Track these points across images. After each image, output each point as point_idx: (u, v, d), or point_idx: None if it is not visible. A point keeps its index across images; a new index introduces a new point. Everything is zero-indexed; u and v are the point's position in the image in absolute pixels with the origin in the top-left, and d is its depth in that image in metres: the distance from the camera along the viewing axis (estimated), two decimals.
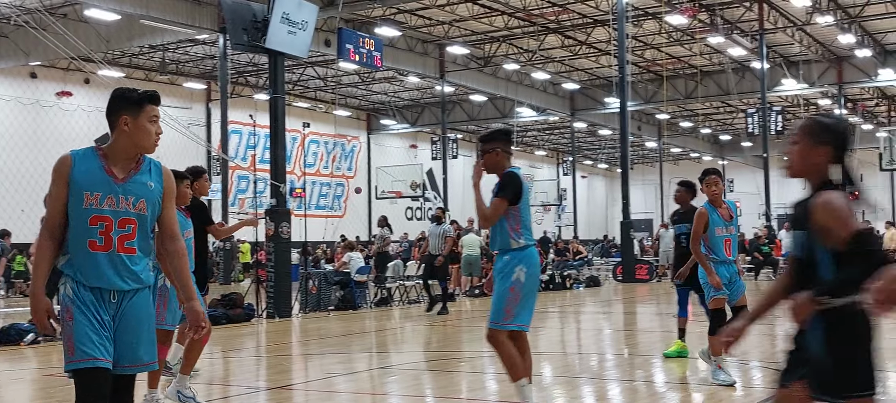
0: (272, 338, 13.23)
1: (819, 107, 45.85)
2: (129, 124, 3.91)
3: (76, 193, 3.79)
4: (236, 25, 16.79)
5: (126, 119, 3.91)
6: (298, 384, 8.53)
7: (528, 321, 6.22)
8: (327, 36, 29.10)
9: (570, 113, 44.42)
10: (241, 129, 37.49)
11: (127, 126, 3.90)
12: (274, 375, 9.51)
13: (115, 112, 3.93)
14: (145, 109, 3.95)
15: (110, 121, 3.96)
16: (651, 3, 28.85)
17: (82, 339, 3.72)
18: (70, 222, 3.81)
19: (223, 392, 8.64)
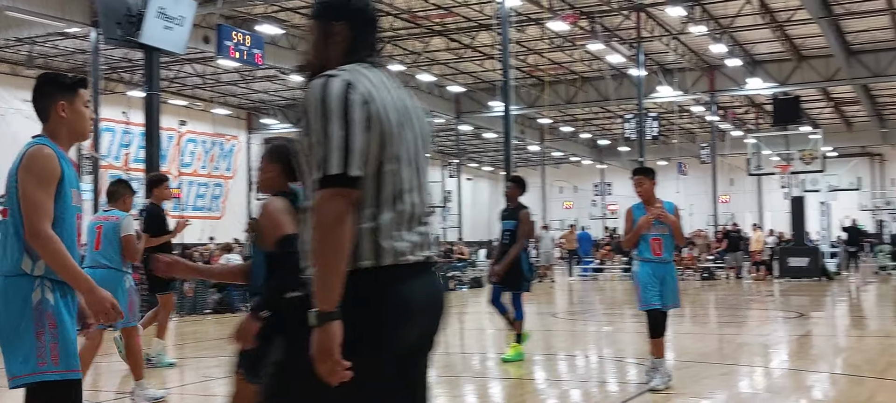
0: (146, 342, 12.79)
1: (692, 113, 47.61)
2: (66, 110, 3.68)
3: (65, 191, 3.56)
4: (109, 19, 16.21)
5: (63, 104, 3.68)
6: (174, 388, 8.27)
7: None
8: (206, 32, 28.43)
9: (455, 115, 44.75)
10: (114, 127, 36.27)
11: (64, 112, 3.68)
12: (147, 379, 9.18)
13: (49, 97, 3.70)
14: (80, 93, 3.74)
15: (42, 108, 3.72)
16: (534, 9, 29.33)
17: (73, 348, 3.50)
18: (55, 222, 3.51)
19: (92, 398, 8.30)
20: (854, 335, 12.36)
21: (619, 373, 9.00)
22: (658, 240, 7.56)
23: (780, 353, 10.20)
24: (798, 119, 35.00)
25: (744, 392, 7.73)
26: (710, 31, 31.33)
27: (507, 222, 9.50)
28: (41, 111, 3.74)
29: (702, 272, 27.59)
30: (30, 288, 3.50)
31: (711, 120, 41.81)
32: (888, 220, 47.90)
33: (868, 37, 33.79)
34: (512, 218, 9.39)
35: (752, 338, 11.81)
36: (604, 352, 10.86)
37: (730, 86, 39.11)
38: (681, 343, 11.66)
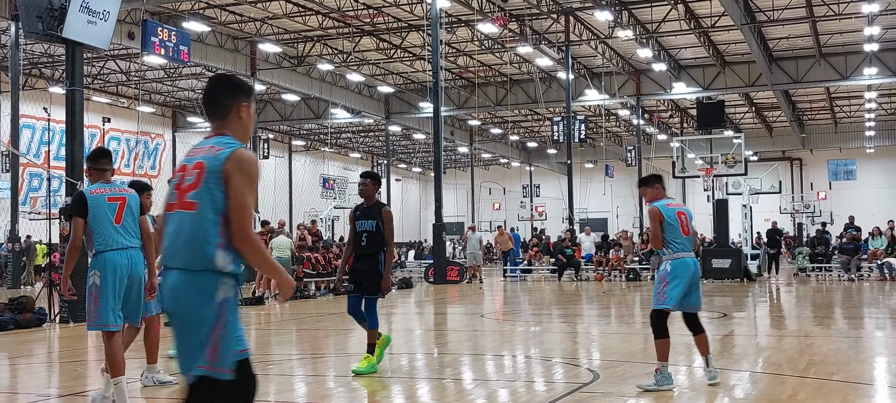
0: (66, 344, 12.48)
1: (619, 116, 48.33)
2: (244, 113, 3.84)
3: None
4: (30, 13, 15.73)
5: (244, 107, 3.84)
6: (93, 391, 8.05)
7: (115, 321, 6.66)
8: (131, 28, 27.87)
9: (384, 116, 44.65)
10: (34, 124, 35.28)
11: (243, 114, 3.84)
12: (67, 382, 8.96)
13: (232, 98, 3.82)
14: (253, 98, 3.94)
15: (223, 106, 3.81)
16: (464, 10, 29.45)
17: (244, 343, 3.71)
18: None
19: (10, 401, 8.05)
20: (775, 335, 12.68)
21: (547, 373, 9.08)
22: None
23: None
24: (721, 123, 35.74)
25: (668, 391, 7.86)
26: (637, 36, 31.86)
27: (365, 222, 8.58)
28: (219, 108, 3.81)
29: (627, 273, 28.00)
30: (216, 284, 3.59)
31: (638, 123, 42.50)
32: (806, 223, 49.31)
33: (789, 44, 34.78)
34: (370, 218, 8.58)
35: (677, 338, 12.01)
36: (531, 352, 10.95)
37: (656, 90, 39.82)
38: (607, 343, 11.81)
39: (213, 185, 3.59)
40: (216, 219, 3.58)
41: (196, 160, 3.68)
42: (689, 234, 7.62)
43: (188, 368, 3.59)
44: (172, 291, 3.62)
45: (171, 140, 45.88)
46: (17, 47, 26.75)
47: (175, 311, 3.63)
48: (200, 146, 3.78)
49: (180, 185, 3.68)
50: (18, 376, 9.91)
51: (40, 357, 11.31)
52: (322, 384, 8.70)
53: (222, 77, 3.90)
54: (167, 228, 3.71)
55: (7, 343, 12.29)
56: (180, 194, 3.67)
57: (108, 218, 6.68)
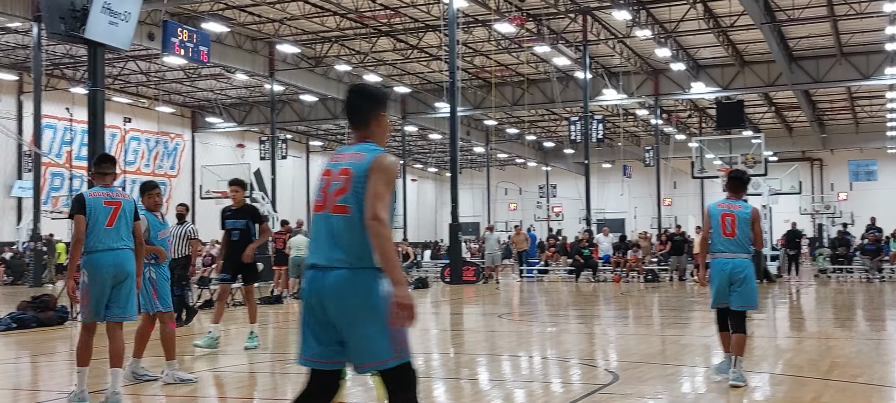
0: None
1: (637, 116, 48.20)
2: (382, 121, 4.10)
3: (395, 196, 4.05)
4: (53, 13, 15.89)
5: (383, 116, 4.11)
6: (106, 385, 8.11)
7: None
8: (151, 29, 28.05)
9: (401, 116, 44.69)
10: (56, 124, 35.57)
11: (382, 123, 4.10)
12: (88, 380, 9.02)
13: (373, 107, 4.10)
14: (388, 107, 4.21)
15: (364, 115, 4.08)
16: (481, 10, 29.44)
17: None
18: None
19: (32, 399, 8.14)
20: (795, 336, 12.61)
21: (564, 374, 9.07)
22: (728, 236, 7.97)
23: (723, 354, 10.35)
24: (740, 123, 35.55)
25: (687, 392, 7.85)
26: (655, 36, 31.75)
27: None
28: (362, 117, 4.09)
29: (646, 274, 27.92)
30: (379, 278, 3.83)
31: (656, 123, 42.35)
32: (827, 224, 48.99)
33: (809, 43, 34.55)
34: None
35: (696, 339, 12.00)
36: (548, 353, 10.94)
37: (674, 90, 39.67)
38: (625, 345, 11.79)
39: (360, 190, 3.87)
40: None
41: (342, 166, 3.96)
42: (733, 235, 7.73)
43: (371, 359, 3.84)
44: (337, 288, 3.84)
45: (191, 140, 46.12)
46: (40, 48, 26.98)
47: (343, 308, 3.83)
48: (343, 152, 4.05)
49: (327, 189, 3.96)
50: (40, 374, 10.01)
51: (62, 355, 11.39)
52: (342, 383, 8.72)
53: (363, 87, 4.19)
54: (317, 228, 3.97)
55: (29, 341, 12.41)
56: (330, 198, 3.94)
57: (101, 221, 7.06)
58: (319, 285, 3.87)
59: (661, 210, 42.47)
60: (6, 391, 8.57)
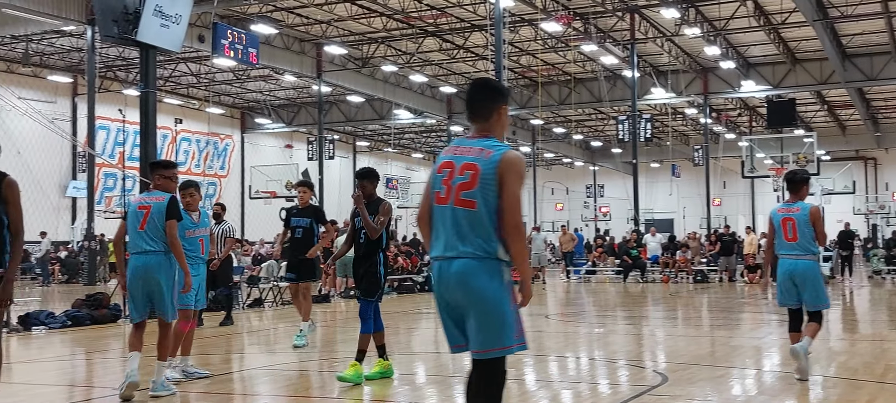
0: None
1: (686, 115, 47.70)
2: (502, 115, 4.20)
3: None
4: (106, 17, 16.19)
5: (504, 109, 4.21)
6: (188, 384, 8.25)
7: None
8: (201, 31, 28.42)
9: (447, 116, 44.75)
10: (109, 125, 36.20)
11: (502, 116, 4.20)
12: (140, 375, 9.17)
13: (494, 101, 4.18)
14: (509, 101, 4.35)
15: (486, 108, 4.16)
16: (527, 10, 29.36)
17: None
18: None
19: (86, 395, 8.30)
20: (849, 339, 12.38)
21: (612, 375, 9.01)
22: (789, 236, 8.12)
23: (774, 356, 10.22)
24: (792, 122, 35.08)
25: (738, 395, 7.75)
26: (704, 34, 31.40)
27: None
28: (484, 111, 4.19)
29: (695, 275, 27.63)
30: (502, 268, 4.04)
31: (705, 122, 41.88)
32: (882, 224, 48.04)
33: (863, 40, 33.90)
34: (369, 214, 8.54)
35: (746, 341, 11.85)
36: (596, 354, 10.88)
37: (723, 88, 39.17)
38: (674, 346, 11.68)
39: (487, 186, 4.01)
40: (491, 216, 4.00)
41: (466, 161, 4.07)
42: (795, 239, 7.84)
43: (495, 344, 4.01)
44: (462, 277, 4.00)
45: (240, 140, 46.65)
46: (94, 51, 27.48)
47: (468, 298, 4.01)
48: (465, 146, 4.15)
49: (448, 181, 4.08)
50: (94, 370, 10.20)
51: (115, 352, 11.59)
52: (386, 382, 8.77)
53: (485, 81, 4.26)
54: (439, 219, 4.11)
55: (83, 338, 12.66)
56: (453, 191, 4.07)
57: (135, 225, 7.49)
58: (445, 275, 4.05)
59: (710, 210, 41.97)
60: (62, 387, 8.76)
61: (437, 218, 4.12)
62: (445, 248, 4.05)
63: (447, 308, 4.09)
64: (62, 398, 8.20)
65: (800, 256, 7.81)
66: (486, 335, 3.98)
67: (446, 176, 4.10)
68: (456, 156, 4.12)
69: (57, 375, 9.64)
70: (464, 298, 4.00)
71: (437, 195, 4.13)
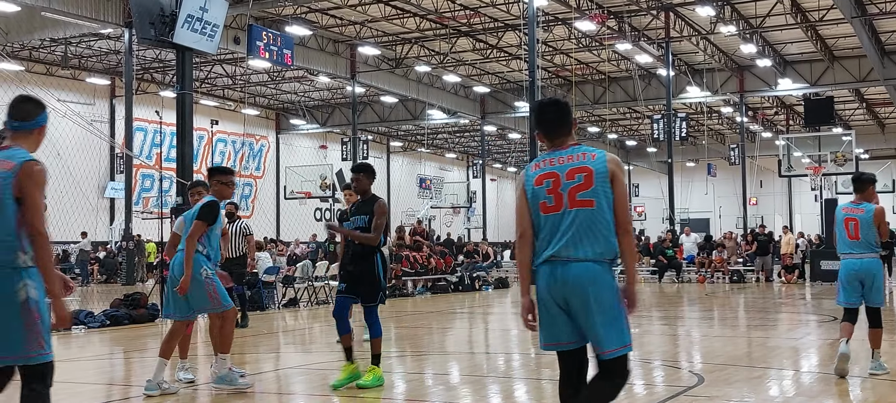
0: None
1: (722, 114, 47.28)
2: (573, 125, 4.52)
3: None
4: (143, 19, 16.40)
5: (575, 121, 4.49)
6: (203, 384, 8.35)
7: None
8: (237, 33, 28.66)
9: (480, 116, 44.73)
10: (146, 127, 36.62)
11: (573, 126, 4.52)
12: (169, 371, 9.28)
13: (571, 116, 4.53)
14: None
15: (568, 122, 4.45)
16: (561, 9, 29.27)
17: None
18: None
19: (124, 394, 8.41)
20: (890, 340, 12.20)
21: (647, 376, 8.96)
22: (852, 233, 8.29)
23: (812, 357, 10.11)
24: (830, 120, 34.61)
25: (775, 396, 7.68)
26: (740, 31, 31.11)
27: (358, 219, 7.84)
28: (566, 125, 4.45)
29: (731, 275, 27.38)
30: (612, 271, 4.25)
31: (741, 121, 41.49)
32: None
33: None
34: (364, 213, 7.83)
35: (783, 342, 11.73)
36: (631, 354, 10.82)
37: (760, 86, 38.79)
38: (710, 346, 11.58)
39: (604, 184, 4.22)
40: (610, 212, 4.22)
41: (572, 166, 4.27)
42: (857, 237, 8.02)
43: (618, 344, 4.22)
44: (582, 281, 4.17)
45: (275, 141, 46.97)
46: (131, 53, 27.82)
47: (589, 299, 4.17)
48: (561, 156, 4.33)
49: (556, 189, 4.24)
50: (132, 369, 10.32)
51: (153, 351, 11.72)
52: (421, 382, 8.80)
53: (556, 100, 4.56)
54: (551, 226, 4.24)
55: (122, 338, 12.82)
56: (565, 196, 4.23)
57: (184, 229, 7.85)
58: (561, 277, 4.19)
59: (746, 209, 41.56)
60: (100, 385, 8.88)
61: (545, 226, 4.26)
62: (561, 251, 4.20)
63: (560, 307, 4.24)
64: (100, 396, 8.31)
65: (863, 255, 8.00)
66: (615, 334, 4.19)
67: (550, 186, 4.26)
68: (556, 166, 4.30)
69: (95, 374, 9.78)
70: (587, 299, 4.16)
71: (543, 205, 4.27)
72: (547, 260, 4.25)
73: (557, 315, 4.25)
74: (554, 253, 4.22)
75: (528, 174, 4.38)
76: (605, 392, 4.27)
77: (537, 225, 4.30)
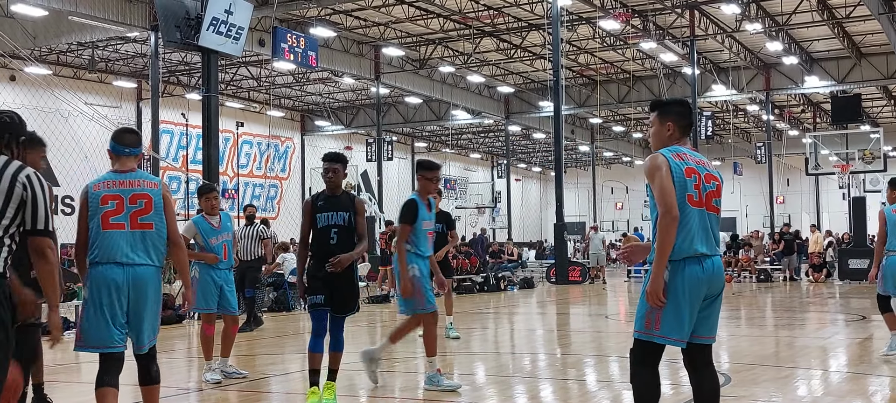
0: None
1: (748, 112, 46.95)
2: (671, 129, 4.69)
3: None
4: (169, 23, 16.53)
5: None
6: (230, 384, 8.41)
7: None
8: (262, 35, 28.81)
9: (504, 116, 44.69)
10: (173, 129, 36.88)
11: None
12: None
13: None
14: None
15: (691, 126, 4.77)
16: (585, 8, 29.18)
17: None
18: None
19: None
20: None
21: (674, 376, 8.92)
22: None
23: (840, 357, 10.03)
24: (858, 118, 34.23)
25: (803, 395, 7.63)
26: (766, 29, 30.87)
27: (334, 215, 7.01)
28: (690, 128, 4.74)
29: (758, 274, 27.19)
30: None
31: (767, 119, 41.17)
32: None
33: None
34: (341, 210, 7.05)
35: (811, 341, 11.64)
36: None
37: (786, 84, 38.48)
38: (737, 346, 11.51)
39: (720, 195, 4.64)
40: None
41: (707, 171, 4.56)
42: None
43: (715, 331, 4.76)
44: (720, 273, 4.57)
45: (300, 143, 47.17)
46: (157, 56, 28.05)
47: (719, 289, 4.60)
48: (694, 157, 4.58)
49: (699, 187, 4.48)
50: (160, 370, 10.39)
51: (180, 352, 11.83)
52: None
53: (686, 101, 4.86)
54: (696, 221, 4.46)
55: None
56: (704, 196, 4.50)
57: None
58: (711, 270, 4.47)
59: (773, 208, 41.23)
60: (127, 386, 8.94)
61: (694, 219, 4.44)
62: (708, 247, 4.47)
63: (701, 301, 4.49)
64: (128, 397, 8.39)
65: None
66: (716, 323, 4.72)
67: (696, 181, 4.47)
68: (697, 165, 4.53)
69: (123, 374, 9.84)
70: (717, 290, 4.56)
71: (690, 197, 4.45)
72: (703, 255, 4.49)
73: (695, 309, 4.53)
74: (706, 251, 4.50)
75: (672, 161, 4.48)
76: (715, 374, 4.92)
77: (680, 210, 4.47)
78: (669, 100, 4.79)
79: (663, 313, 4.41)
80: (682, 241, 4.39)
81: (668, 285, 4.39)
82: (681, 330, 4.48)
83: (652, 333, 4.48)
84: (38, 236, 3.99)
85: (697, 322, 4.51)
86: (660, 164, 4.42)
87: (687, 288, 4.40)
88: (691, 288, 4.40)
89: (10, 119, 4.10)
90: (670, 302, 4.40)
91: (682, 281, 4.38)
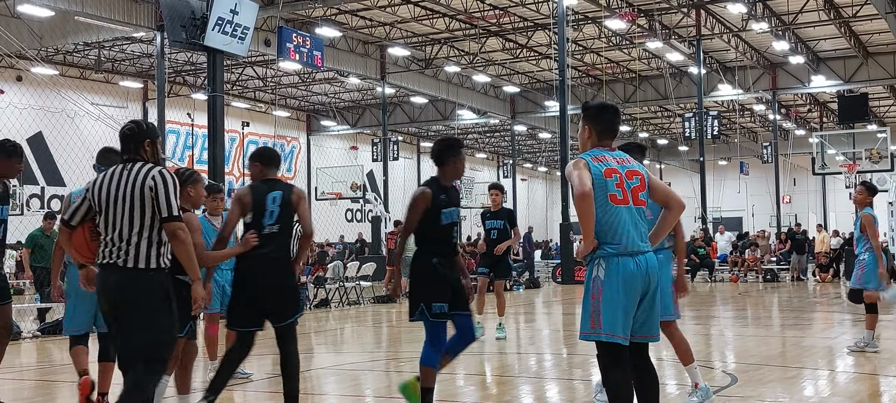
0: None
1: (754, 112, 46.86)
2: None
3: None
4: (174, 23, 16.56)
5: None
6: (237, 384, 8.41)
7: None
8: (267, 35, 28.84)
9: (510, 116, 44.67)
10: (179, 129, 36.95)
11: None
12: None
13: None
14: None
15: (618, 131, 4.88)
16: (591, 7, 29.15)
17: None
18: None
19: (170, 392, 8.46)
20: None
21: (679, 376, 8.90)
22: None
23: (848, 357, 9.99)
24: (864, 117, 34.17)
25: (810, 396, 7.60)
26: (772, 28, 30.81)
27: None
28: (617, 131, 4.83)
29: (764, 274, 27.13)
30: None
31: (774, 118, 41.09)
32: None
33: None
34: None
35: (818, 341, 11.60)
36: (663, 354, 10.75)
37: (793, 84, 38.40)
38: (743, 346, 11.48)
39: (647, 190, 4.74)
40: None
41: (629, 168, 4.68)
42: None
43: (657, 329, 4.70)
44: (654, 270, 4.59)
45: (306, 143, 47.21)
46: (163, 56, 28.10)
47: (655, 286, 4.61)
48: (616, 157, 4.69)
49: (622, 185, 4.58)
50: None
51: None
52: (451, 382, 8.80)
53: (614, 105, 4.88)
54: (623, 218, 4.54)
55: None
56: (629, 193, 4.61)
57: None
58: (643, 267, 4.52)
59: (780, 207, 41.14)
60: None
61: (614, 216, 4.52)
62: (637, 244, 4.53)
63: (636, 298, 4.52)
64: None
65: None
66: (657, 320, 4.68)
67: (618, 180, 4.57)
68: (618, 164, 4.64)
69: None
70: (650, 287, 4.56)
71: (613, 197, 4.54)
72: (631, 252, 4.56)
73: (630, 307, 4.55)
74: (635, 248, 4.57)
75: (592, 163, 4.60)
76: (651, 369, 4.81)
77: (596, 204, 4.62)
78: (591, 104, 4.82)
79: (603, 311, 4.47)
80: (614, 239, 4.50)
81: (604, 282, 4.47)
82: (622, 326, 4.49)
83: (598, 333, 4.49)
84: (168, 222, 4.72)
85: (639, 322, 4.54)
86: (576, 165, 4.57)
87: (622, 284, 4.46)
88: (626, 284, 4.47)
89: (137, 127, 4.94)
90: (607, 299, 4.46)
91: (618, 278, 4.46)
